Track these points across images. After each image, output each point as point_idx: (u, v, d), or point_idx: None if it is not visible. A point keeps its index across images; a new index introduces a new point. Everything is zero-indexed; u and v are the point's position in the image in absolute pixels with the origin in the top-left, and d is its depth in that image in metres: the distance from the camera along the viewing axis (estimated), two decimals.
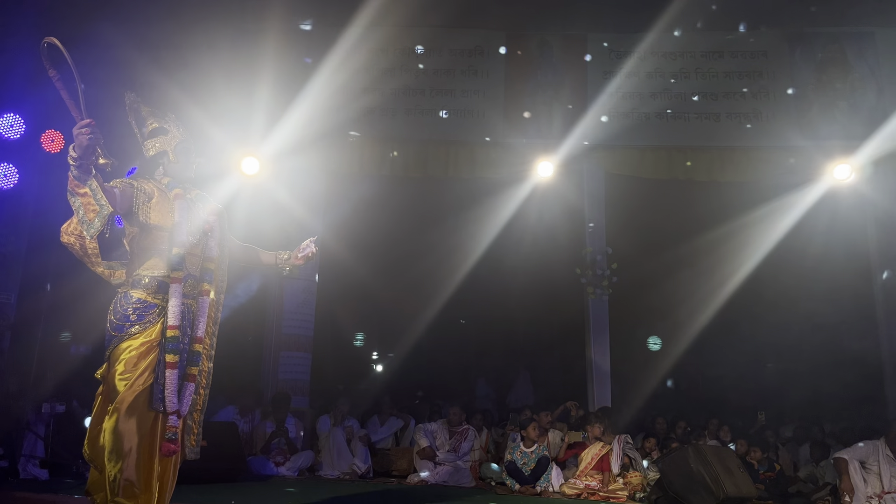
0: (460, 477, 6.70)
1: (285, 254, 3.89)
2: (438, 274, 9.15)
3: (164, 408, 3.20)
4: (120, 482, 3.08)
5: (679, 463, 5.88)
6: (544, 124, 8.10)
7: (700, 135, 8.07)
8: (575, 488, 6.30)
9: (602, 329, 7.77)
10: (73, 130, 2.97)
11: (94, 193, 3.04)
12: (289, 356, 7.81)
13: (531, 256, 8.92)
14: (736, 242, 8.88)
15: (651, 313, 10.90)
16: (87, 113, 3.06)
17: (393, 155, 8.04)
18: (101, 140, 2.99)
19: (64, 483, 5.32)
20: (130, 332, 3.22)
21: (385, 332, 11.37)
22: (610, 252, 7.92)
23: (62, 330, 6.40)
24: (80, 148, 2.96)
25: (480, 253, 8.73)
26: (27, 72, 6.42)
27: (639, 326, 10.71)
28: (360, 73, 7.99)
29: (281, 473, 6.77)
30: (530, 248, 8.81)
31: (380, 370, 12.65)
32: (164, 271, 3.32)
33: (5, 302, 6.13)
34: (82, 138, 2.94)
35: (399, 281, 9.55)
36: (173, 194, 3.39)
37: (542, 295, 9.71)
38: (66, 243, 3.30)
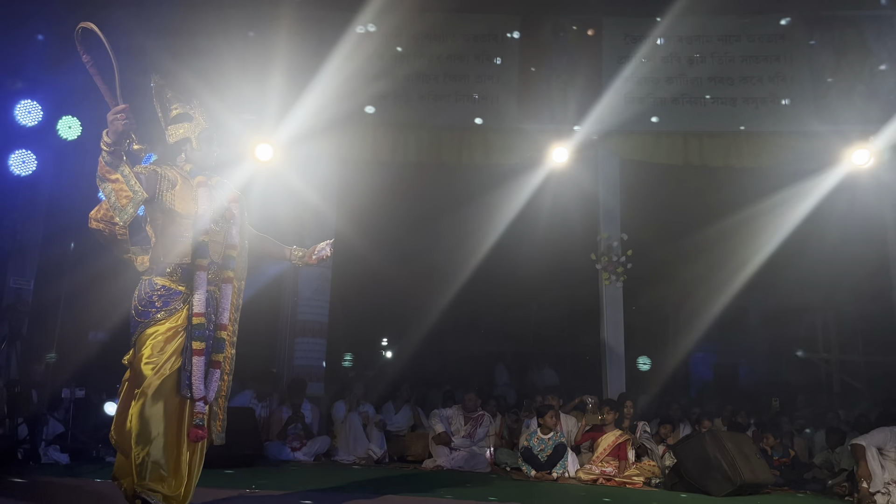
0: (476, 462, 6.73)
1: (300, 251, 3.89)
2: (453, 261, 9.15)
3: (191, 394, 3.22)
4: (147, 466, 3.11)
5: (695, 449, 5.89)
6: (559, 110, 8.04)
7: (716, 120, 7.98)
8: (591, 474, 6.32)
9: (617, 315, 7.74)
10: (108, 116, 2.97)
11: (127, 179, 3.05)
12: (304, 342, 7.84)
13: (545, 243, 8.90)
14: (752, 228, 8.83)
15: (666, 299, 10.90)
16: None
17: (406, 141, 8.01)
18: (135, 125, 2.99)
19: (85, 467, 5.37)
20: (156, 318, 3.24)
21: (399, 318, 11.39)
22: (625, 238, 7.87)
23: (80, 316, 6.43)
24: (115, 133, 2.96)
25: (494, 240, 8.71)
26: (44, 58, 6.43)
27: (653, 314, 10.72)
28: (372, 58, 7.95)
29: (297, 458, 6.82)
30: (544, 235, 8.78)
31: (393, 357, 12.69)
32: (189, 258, 3.33)
33: (24, 288, 6.17)
34: (117, 123, 2.95)
35: (413, 268, 9.55)
36: (196, 182, 3.39)
37: (556, 281, 9.70)
38: (95, 229, 3.32)
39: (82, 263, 6.47)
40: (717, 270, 9.53)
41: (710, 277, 9.66)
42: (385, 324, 12.57)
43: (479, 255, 8.95)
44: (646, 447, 6.80)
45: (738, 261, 9.26)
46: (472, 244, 9.00)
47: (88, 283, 6.52)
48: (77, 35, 3.11)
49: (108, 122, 2.98)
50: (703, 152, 7.89)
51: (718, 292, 9.67)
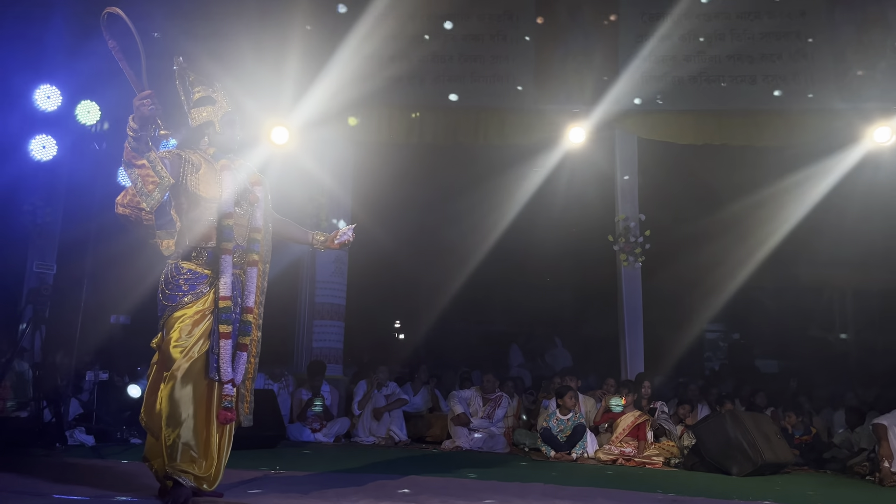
0: (495, 443, 6.77)
1: (322, 235, 3.90)
2: (467, 242, 9.14)
3: (219, 377, 3.24)
4: (178, 447, 3.14)
5: (716, 429, 5.88)
6: (575, 89, 7.97)
7: (735, 98, 7.90)
8: (610, 454, 6.34)
9: (635, 295, 7.73)
10: (134, 101, 2.97)
11: (154, 165, 3.05)
12: (322, 325, 7.88)
13: (561, 224, 8.87)
14: (771, 208, 8.77)
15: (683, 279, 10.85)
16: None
17: (422, 123, 7.98)
18: (161, 111, 2.99)
19: (111, 449, 5.44)
20: (183, 301, 3.26)
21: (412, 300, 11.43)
22: (643, 219, 7.83)
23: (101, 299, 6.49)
24: (141, 119, 2.96)
25: (509, 221, 8.70)
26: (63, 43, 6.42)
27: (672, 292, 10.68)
28: (388, 40, 7.89)
29: (318, 440, 6.88)
30: (560, 216, 8.75)
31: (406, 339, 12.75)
32: (214, 242, 3.34)
33: (47, 272, 6.23)
34: (143, 109, 2.95)
35: (428, 249, 9.55)
36: (220, 165, 3.39)
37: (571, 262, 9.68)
38: (122, 215, 3.33)
39: (102, 247, 6.52)
40: (733, 250, 9.48)
41: (727, 257, 9.61)
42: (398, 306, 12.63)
43: (494, 236, 8.95)
44: (663, 428, 6.81)
45: (755, 240, 9.21)
46: (487, 226, 9.00)
47: (109, 266, 6.58)
48: (103, 20, 3.10)
49: (134, 107, 2.98)
50: (721, 131, 7.82)
51: (734, 272, 9.63)
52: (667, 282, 10.70)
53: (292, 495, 3.51)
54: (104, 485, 3.61)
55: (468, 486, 4.15)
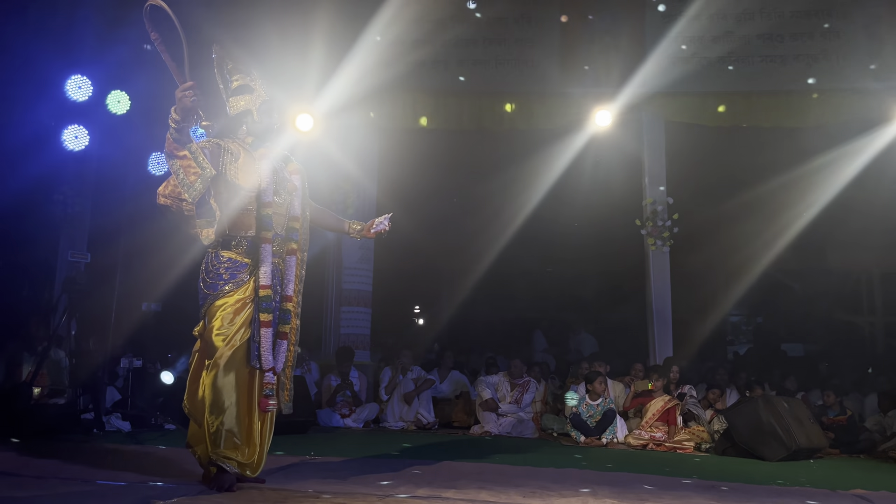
0: (523, 428, 6.78)
1: (358, 224, 3.91)
2: (492, 227, 9.11)
3: (260, 365, 3.27)
4: (221, 434, 3.17)
5: (748, 414, 5.85)
6: (602, 72, 7.87)
7: (765, 79, 7.76)
8: (640, 439, 6.33)
9: (663, 280, 7.68)
10: (177, 93, 2.98)
11: (195, 156, 3.06)
12: (349, 311, 7.92)
13: (587, 208, 8.80)
14: (800, 189, 8.64)
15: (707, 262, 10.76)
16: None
17: (447, 108, 7.94)
18: (203, 102, 2.99)
19: (147, 434, 5.52)
20: (224, 290, 3.27)
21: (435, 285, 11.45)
22: (671, 202, 7.75)
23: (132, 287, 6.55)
24: (183, 110, 2.97)
25: (534, 206, 8.65)
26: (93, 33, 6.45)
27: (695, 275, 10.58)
28: (412, 25, 7.82)
29: (347, 425, 6.95)
30: (586, 200, 8.68)
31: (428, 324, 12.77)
32: (254, 231, 3.35)
33: (81, 261, 6.30)
34: (186, 100, 2.95)
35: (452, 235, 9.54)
36: (259, 154, 3.40)
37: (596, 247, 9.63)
38: (163, 205, 3.33)
39: (134, 235, 6.58)
40: (759, 233, 9.39)
41: (753, 240, 9.52)
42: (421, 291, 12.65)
43: (519, 221, 8.91)
44: (692, 413, 6.79)
45: (781, 223, 9.11)
46: (512, 211, 8.96)
47: (140, 254, 6.64)
48: (146, 12, 3.09)
49: (177, 98, 2.99)
50: (751, 112, 7.70)
51: (760, 255, 9.54)
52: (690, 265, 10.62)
53: (331, 481, 3.54)
54: (147, 470, 3.66)
55: (504, 472, 4.16)
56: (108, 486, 3.17)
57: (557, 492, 3.48)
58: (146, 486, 3.19)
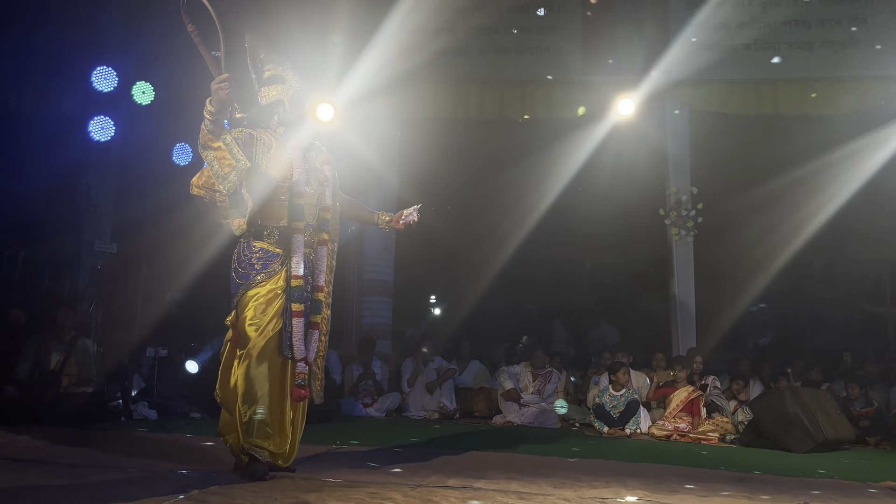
0: (546, 418, 6.77)
1: (387, 216, 3.90)
2: (511, 217, 9.08)
3: (292, 355, 3.28)
4: (254, 424, 3.18)
5: (774, 405, 5.81)
6: (625, 60, 7.80)
7: (791, 66, 7.65)
8: (664, 430, 6.30)
9: (687, 270, 7.62)
10: (212, 85, 2.98)
11: (230, 148, 3.06)
12: (371, 301, 7.93)
13: (609, 198, 8.72)
14: (824, 178, 8.51)
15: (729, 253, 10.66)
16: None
17: (468, 97, 7.90)
18: (238, 94, 2.99)
19: (174, 423, 5.57)
20: (256, 280, 3.28)
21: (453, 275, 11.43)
22: (695, 192, 7.68)
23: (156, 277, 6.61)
24: (219, 102, 2.97)
25: (555, 196, 8.59)
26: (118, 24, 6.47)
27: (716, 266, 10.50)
28: (433, 13, 7.77)
29: (369, 414, 6.97)
30: (608, 189, 8.61)
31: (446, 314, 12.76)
32: (285, 221, 3.35)
33: (108, 251, 6.35)
34: (221, 92, 2.96)
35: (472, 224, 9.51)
36: (291, 144, 3.39)
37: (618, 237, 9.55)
38: (196, 196, 3.34)
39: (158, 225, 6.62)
40: (782, 223, 9.27)
41: (775, 230, 9.41)
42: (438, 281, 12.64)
43: (539, 211, 8.86)
44: (716, 404, 6.74)
45: (806, 212, 8.98)
46: (532, 201, 8.91)
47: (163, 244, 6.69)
48: (183, 4, 3.09)
49: (213, 90, 2.99)
50: (777, 101, 7.59)
51: (783, 245, 9.43)
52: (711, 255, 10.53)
53: (361, 471, 3.55)
54: (178, 458, 3.70)
55: (531, 462, 4.16)
56: (142, 475, 3.20)
57: (587, 483, 3.47)
58: (179, 475, 3.22)
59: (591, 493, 3.17)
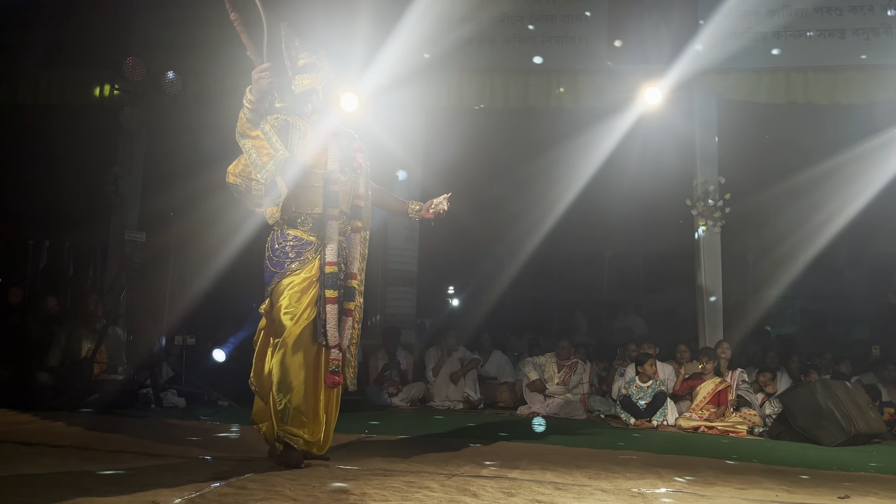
0: (572, 409, 6.75)
1: (417, 205, 3.89)
2: (537, 208, 9.03)
3: (326, 342, 3.28)
4: (289, 412, 3.20)
5: (805, 398, 5.73)
6: (652, 48, 7.69)
7: (822, 54, 7.49)
8: (692, 422, 6.25)
9: (714, 261, 7.52)
10: (253, 74, 2.98)
11: (268, 137, 3.06)
12: (395, 291, 7.93)
13: (634, 188, 8.63)
14: (854, 169, 8.37)
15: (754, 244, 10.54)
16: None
17: (492, 86, 7.85)
18: (278, 84, 2.99)
19: (202, 410, 5.61)
20: (291, 268, 3.28)
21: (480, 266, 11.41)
22: (723, 182, 7.58)
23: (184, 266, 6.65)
24: (259, 91, 2.97)
25: (581, 186, 8.52)
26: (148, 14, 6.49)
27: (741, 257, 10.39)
28: (457, 2, 7.74)
29: (394, 404, 6.99)
30: (634, 180, 8.52)
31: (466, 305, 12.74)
32: (320, 209, 3.35)
33: (137, 240, 6.40)
34: (262, 81, 2.96)
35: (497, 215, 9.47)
36: (326, 131, 3.38)
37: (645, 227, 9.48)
38: (231, 184, 3.34)
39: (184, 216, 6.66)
40: (810, 214, 9.14)
41: (803, 221, 9.28)
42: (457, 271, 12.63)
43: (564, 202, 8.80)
44: (743, 396, 6.68)
45: (835, 203, 8.85)
46: (557, 191, 8.84)
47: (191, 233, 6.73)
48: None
49: (253, 79, 2.99)
50: (808, 89, 7.44)
51: (809, 237, 9.30)
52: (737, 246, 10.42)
53: (394, 460, 3.55)
54: (211, 446, 3.73)
55: (562, 453, 4.14)
56: (179, 461, 3.22)
57: (622, 474, 3.45)
58: (216, 462, 3.24)
59: (628, 485, 3.15)
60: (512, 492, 2.85)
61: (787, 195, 9.05)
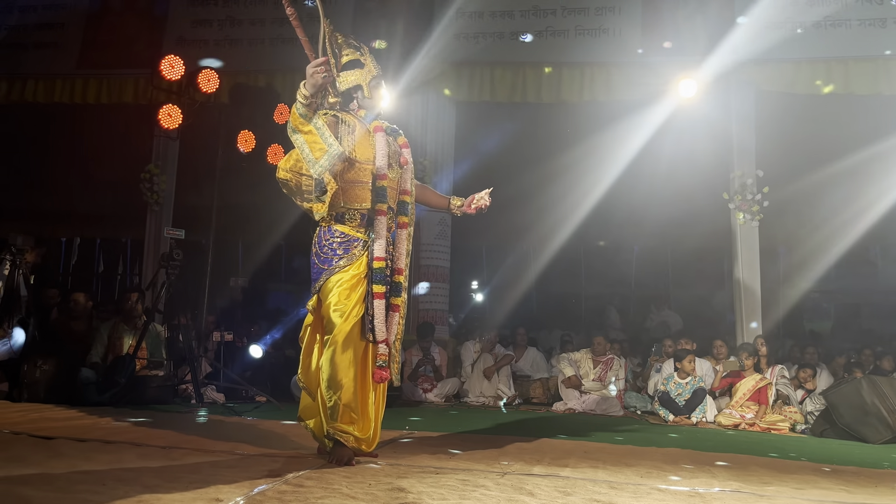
0: (608, 406, 6.69)
1: (458, 200, 3.83)
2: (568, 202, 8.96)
3: (374, 338, 3.27)
4: (339, 409, 3.19)
5: (850, 395, 5.64)
6: (687, 40, 7.59)
7: (862, 44, 7.36)
8: (732, 419, 6.18)
9: (752, 255, 7.42)
10: (308, 68, 2.97)
11: (321, 132, 3.05)
12: (429, 287, 7.92)
13: (668, 181, 8.53)
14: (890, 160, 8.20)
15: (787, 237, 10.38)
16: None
17: (525, 80, 7.80)
18: (332, 79, 2.97)
19: (242, 406, 5.65)
20: (339, 264, 3.26)
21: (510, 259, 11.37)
22: (761, 175, 7.45)
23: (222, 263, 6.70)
24: (314, 86, 2.96)
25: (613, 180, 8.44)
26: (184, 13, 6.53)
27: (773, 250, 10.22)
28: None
29: (429, 400, 6.99)
30: (668, 173, 8.41)
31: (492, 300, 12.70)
32: (368, 204, 3.33)
33: (178, 237, 6.45)
34: (317, 76, 2.94)
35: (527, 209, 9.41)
36: (373, 127, 3.37)
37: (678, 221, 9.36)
38: (282, 179, 3.33)
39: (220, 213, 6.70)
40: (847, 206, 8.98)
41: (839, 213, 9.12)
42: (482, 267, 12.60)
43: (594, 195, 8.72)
44: (782, 392, 6.58)
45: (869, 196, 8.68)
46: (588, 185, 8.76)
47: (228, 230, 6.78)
48: None
49: (308, 74, 2.97)
50: (848, 79, 7.31)
51: (843, 229, 9.14)
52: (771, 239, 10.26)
53: (441, 457, 3.53)
54: (259, 442, 3.73)
55: (609, 451, 4.09)
56: (232, 458, 3.23)
57: (673, 472, 3.40)
58: (268, 458, 3.24)
59: (683, 485, 3.10)
60: (568, 491, 2.82)
61: (820, 187, 8.90)
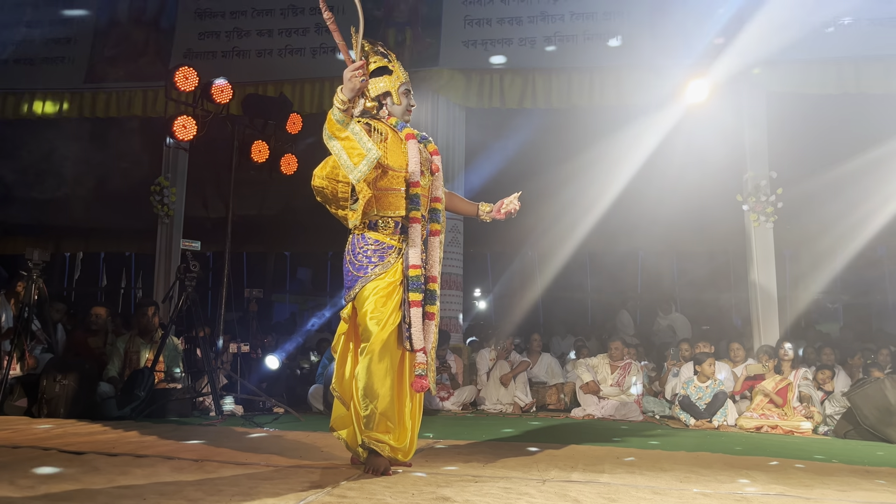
0: (627, 411, 6.65)
1: (487, 206, 3.81)
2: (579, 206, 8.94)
3: (411, 346, 3.23)
4: (375, 418, 3.15)
5: (874, 395, 5.60)
6: (696, 42, 7.58)
7: (874, 43, 7.37)
8: (753, 421, 6.13)
9: (767, 257, 7.39)
10: (345, 73, 2.93)
11: (359, 137, 3.01)
12: (442, 294, 7.86)
13: (680, 184, 8.51)
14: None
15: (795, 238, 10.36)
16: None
17: (535, 86, 7.79)
18: (368, 84, 2.94)
19: (261, 418, 5.60)
20: (375, 272, 3.23)
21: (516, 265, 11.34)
22: (774, 177, 7.44)
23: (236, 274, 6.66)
24: (351, 91, 2.93)
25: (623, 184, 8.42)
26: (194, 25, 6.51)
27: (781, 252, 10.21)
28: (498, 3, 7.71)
29: (446, 408, 6.93)
30: (679, 176, 8.40)
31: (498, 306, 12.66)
32: (402, 211, 3.30)
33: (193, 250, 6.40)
34: (355, 80, 2.91)
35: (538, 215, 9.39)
36: (404, 134, 3.34)
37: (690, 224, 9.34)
38: (317, 186, 3.29)
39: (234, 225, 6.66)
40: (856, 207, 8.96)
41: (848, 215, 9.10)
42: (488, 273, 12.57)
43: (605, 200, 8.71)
44: (803, 394, 6.54)
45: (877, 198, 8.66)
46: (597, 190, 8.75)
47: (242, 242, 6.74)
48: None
49: (345, 79, 2.94)
50: (860, 79, 7.32)
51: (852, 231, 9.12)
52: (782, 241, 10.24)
53: (475, 465, 3.49)
54: (289, 453, 3.69)
55: (641, 456, 4.05)
56: (266, 470, 3.19)
57: (711, 476, 3.36)
58: (304, 470, 3.20)
59: (725, 489, 3.06)
60: (612, 497, 2.78)
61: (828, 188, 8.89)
